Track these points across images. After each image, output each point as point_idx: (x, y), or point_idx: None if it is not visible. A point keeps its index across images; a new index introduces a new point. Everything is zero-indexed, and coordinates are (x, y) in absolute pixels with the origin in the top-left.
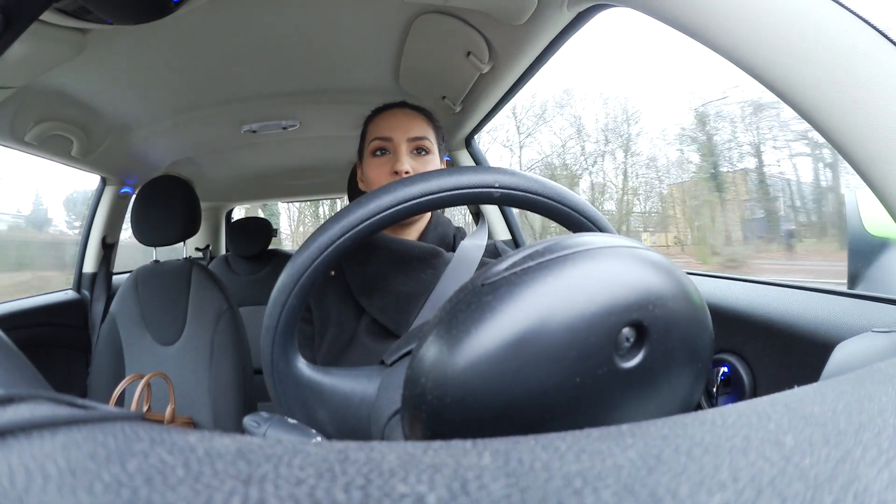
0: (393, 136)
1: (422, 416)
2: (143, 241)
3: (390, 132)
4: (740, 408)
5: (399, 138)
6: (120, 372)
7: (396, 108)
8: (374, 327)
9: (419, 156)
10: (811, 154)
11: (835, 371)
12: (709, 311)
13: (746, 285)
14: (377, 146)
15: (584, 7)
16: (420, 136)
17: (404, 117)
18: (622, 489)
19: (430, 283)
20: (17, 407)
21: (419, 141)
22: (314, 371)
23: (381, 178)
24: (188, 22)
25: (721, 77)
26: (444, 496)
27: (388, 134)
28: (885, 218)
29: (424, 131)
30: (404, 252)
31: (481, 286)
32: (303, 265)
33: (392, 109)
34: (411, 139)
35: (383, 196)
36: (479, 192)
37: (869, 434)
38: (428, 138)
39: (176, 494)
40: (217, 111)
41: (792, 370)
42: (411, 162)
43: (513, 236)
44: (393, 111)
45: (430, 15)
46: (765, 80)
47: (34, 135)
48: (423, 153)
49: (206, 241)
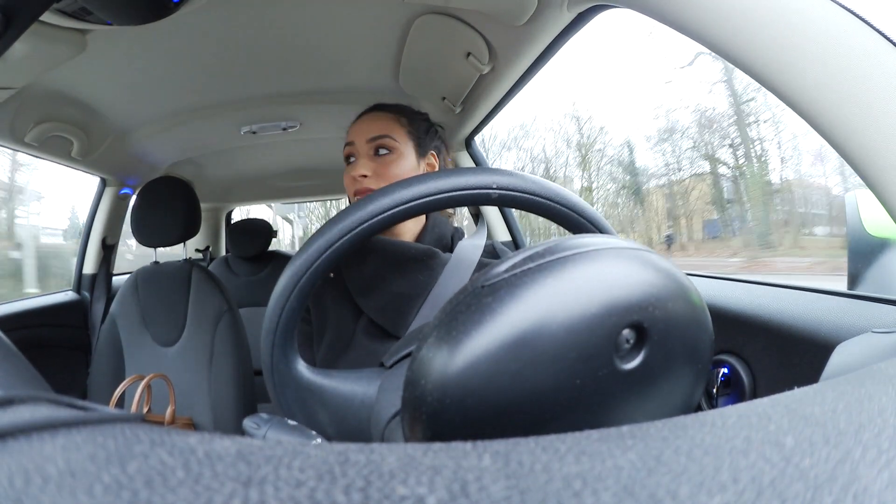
0: (355, 140)
1: (422, 418)
2: (142, 243)
3: (353, 137)
4: (740, 409)
5: (359, 142)
6: (120, 373)
7: (367, 113)
8: (372, 328)
9: (378, 157)
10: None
11: (835, 372)
12: (709, 312)
13: (746, 286)
14: (346, 153)
15: (584, 8)
16: (378, 136)
17: (368, 120)
18: (622, 491)
19: (428, 283)
20: (18, 409)
21: (378, 140)
22: (314, 373)
23: (350, 185)
24: (188, 22)
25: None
26: (444, 498)
27: (352, 139)
28: (885, 218)
29: (386, 129)
30: (400, 253)
31: (481, 288)
32: (302, 267)
33: (363, 114)
34: (369, 140)
35: (381, 199)
36: (476, 193)
37: (869, 434)
38: (390, 136)
39: (176, 496)
40: (217, 112)
41: (792, 371)
42: (370, 164)
43: (512, 237)
44: (363, 116)
45: (430, 15)
46: (764, 80)
47: (34, 135)
48: (383, 152)
49: (206, 243)
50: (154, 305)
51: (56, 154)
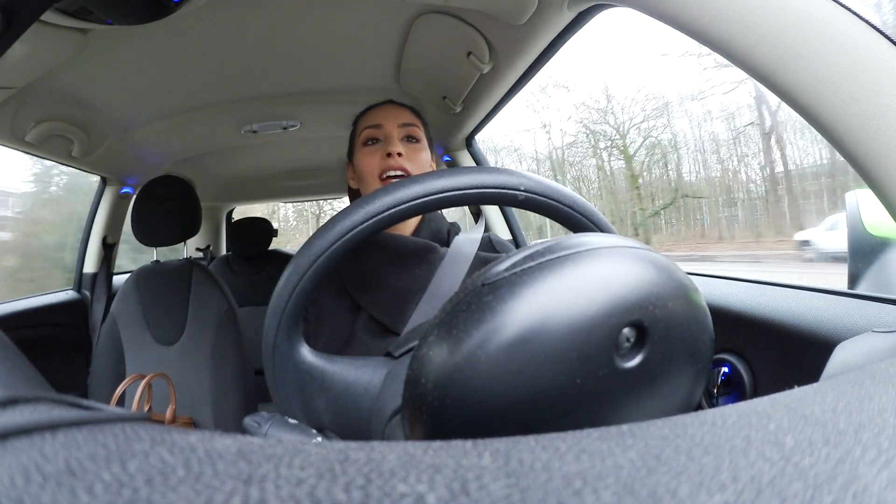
0: (383, 123)
1: (422, 417)
2: (143, 242)
3: (381, 119)
4: (740, 408)
5: (390, 125)
6: (120, 372)
7: (385, 103)
8: (371, 325)
9: (410, 143)
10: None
11: (835, 371)
12: (709, 312)
13: (747, 285)
14: (369, 135)
15: (584, 7)
16: (410, 123)
17: (393, 108)
18: (622, 489)
19: (426, 278)
20: (21, 409)
21: (409, 128)
22: (318, 357)
23: (374, 165)
24: (188, 22)
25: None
26: (444, 496)
27: (379, 121)
28: (885, 218)
29: (414, 120)
30: (397, 248)
31: (481, 286)
32: (322, 247)
33: (381, 105)
34: (402, 125)
35: (412, 186)
36: (474, 193)
37: (869, 434)
38: (417, 126)
39: (176, 494)
40: (217, 111)
41: (792, 370)
42: (403, 147)
43: (513, 236)
44: (382, 105)
45: (430, 15)
46: (765, 79)
47: (34, 135)
48: (413, 141)
49: (206, 242)
50: (155, 305)
51: (56, 154)
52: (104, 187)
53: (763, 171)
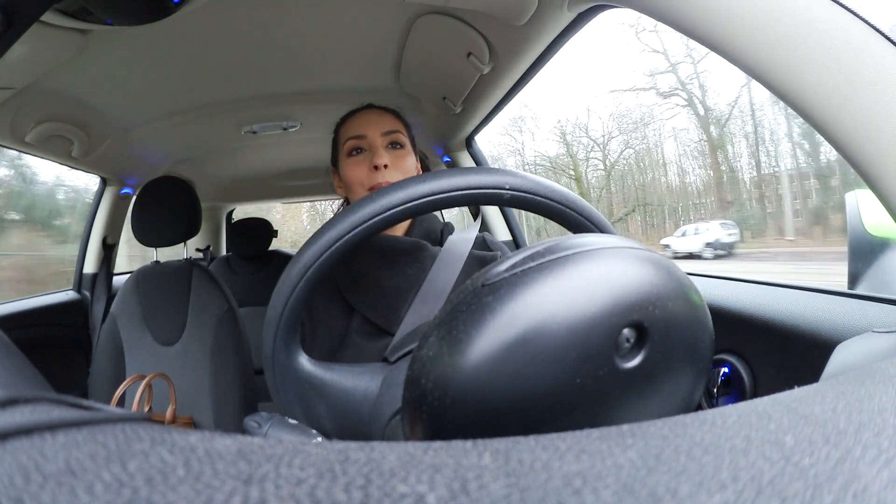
0: (367, 132)
1: (422, 417)
2: (143, 242)
3: (363, 129)
4: (740, 408)
5: (373, 134)
6: (120, 372)
7: (365, 109)
8: (365, 327)
9: (394, 150)
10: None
11: (835, 371)
12: (709, 312)
13: (747, 286)
14: (352, 146)
15: (584, 8)
16: (393, 130)
17: (374, 115)
18: (622, 489)
19: (417, 277)
20: (21, 409)
21: (393, 135)
22: (316, 366)
23: (362, 177)
24: (188, 22)
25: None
26: (444, 496)
27: (362, 131)
28: (885, 218)
29: (396, 126)
30: (388, 247)
31: (481, 287)
32: (311, 258)
33: (361, 110)
34: (385, 133)
35: (396, 192)
36: (458, 195)
37: (869, 434)
38: (401, 132)
39: (176, 494)
40: (218, 112)
41: (792, 370)
42: (388, 156)
43: (513, 236)
44: (362, 111)
45: (430, 16)
46: (765, 80)
47: (35, 135)
48: (397, 147)
49: (206, 242)
50: (155, 305)
51: (56, 154)
52: (104, 188)
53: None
